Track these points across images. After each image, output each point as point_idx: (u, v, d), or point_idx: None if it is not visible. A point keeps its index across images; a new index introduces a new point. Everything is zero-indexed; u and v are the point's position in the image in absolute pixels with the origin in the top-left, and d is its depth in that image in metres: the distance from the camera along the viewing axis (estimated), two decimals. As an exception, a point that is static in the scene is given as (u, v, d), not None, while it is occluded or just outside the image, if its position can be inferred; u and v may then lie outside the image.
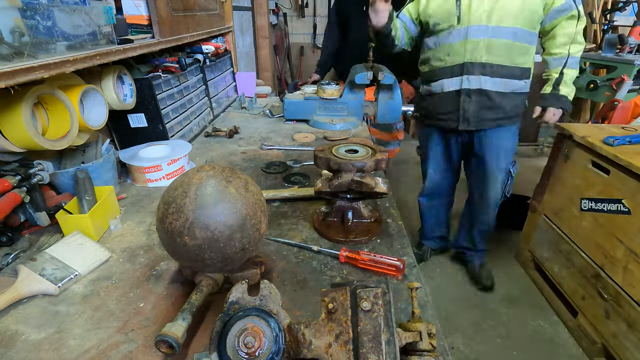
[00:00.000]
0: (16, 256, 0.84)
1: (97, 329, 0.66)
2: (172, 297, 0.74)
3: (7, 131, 0.81)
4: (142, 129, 1.34)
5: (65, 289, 0.75)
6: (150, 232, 0.95)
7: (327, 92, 1.73)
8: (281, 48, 4.88)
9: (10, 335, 0.65)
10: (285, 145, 1.54)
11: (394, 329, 0.48)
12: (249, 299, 0.53)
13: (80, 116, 0.97)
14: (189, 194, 0.62)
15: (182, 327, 0.58)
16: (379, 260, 0.79)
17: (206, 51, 1.81)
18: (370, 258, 0.80)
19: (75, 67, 0.85)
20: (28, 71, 0.71)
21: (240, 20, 3.14)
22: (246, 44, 3.41)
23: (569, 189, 1.82)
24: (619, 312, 1.50)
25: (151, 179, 1.18)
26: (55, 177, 0.98)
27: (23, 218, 0.90)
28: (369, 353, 0.46)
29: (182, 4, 1.47)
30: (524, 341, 1.78)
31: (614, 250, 1.53)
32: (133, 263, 0.84)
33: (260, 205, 0.68)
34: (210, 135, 1.66)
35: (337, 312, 0.51)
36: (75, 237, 0.85)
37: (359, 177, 0.86)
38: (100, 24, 0.99)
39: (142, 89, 1.28)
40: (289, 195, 1.10)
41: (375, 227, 0.94)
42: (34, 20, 0.78)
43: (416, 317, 0.56)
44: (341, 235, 0.91)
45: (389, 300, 0.50)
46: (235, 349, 0.50)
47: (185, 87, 1.59)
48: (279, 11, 4.69)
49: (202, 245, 0.62)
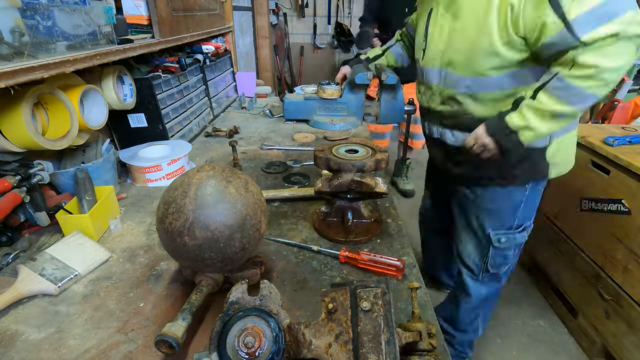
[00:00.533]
0: (16, 256, 0.84)
1: (97, 329, 0.66)
2: (172, 297, 0.74)
3: (7, 131, 0.81)
4: (142, 129, 1.34)
5: (65, 289, 0.75)
6: (150, 232, 0.95)
7: (327, 92, 1.73)
8: (281, 48, 4.88)
9: (10, 335, 0.65)
10: (285, 145, 1.54)
11: (394, 329, 0.48)
12: (249, 299, 0.53)
13: (80, 116, 0.97)
14: (189, 194, 0.62)
15: (182, 327, 0.58)
16: (378, 260, 0.79)
17: (206, 51, 1.81)
18: (370, 258, 0.80)
19: (75, 67, 0.85)
20: (28, 71, 0.71)
21: (240, 20, 3.14)
22: (246, 44, 3.41)
23: (569, 189, 1.82)
24: (619, 312, 1.50)
25: (151, 179, 1.18)
26: (55, 177, 0.98)
27: (23, 218, 0.90)
28: (369, 353, 0.46)
29: (182, 4, 1.47)
30: (524, 341, 1.78)
31: (614, 250, 1.53)
32: (133, 263, 0.84)
33: (260, 205, 0.68)
34: (210, 135, 1.66)
35: (337, 312, 0.51)
36: (75, 237, 0.85)
37: (358, 177, 0.86)
38: (100, 24, 0.99)
39: (142, 89, 1.28)
40: (288, 196, 1.10)
41: (375, 227, 0.94)
42: (34, 20, 0.78)
43: (416, 317, 0.56)
44: (341, 235, 0.91)
45: (389, 300, 0.50)
46: (235, 349, 0.50)
47: (185, 87, 1.59)
48: (279, 11, 4.69)
49: (202, 245, 0.62)
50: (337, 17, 5.04)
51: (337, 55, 5.27)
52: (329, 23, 5.07)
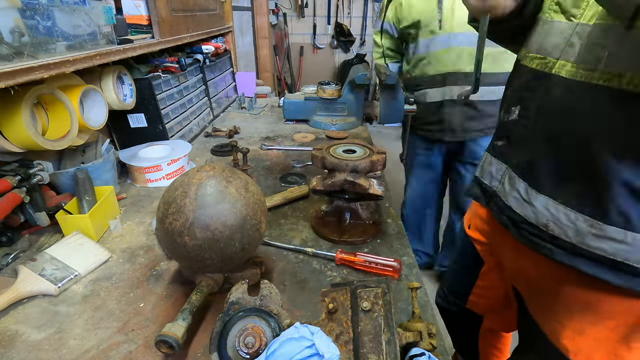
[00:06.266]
0: (16, 256, 0.84)
1: (97, 329, 0.66)
2: (172, 297, 0.74)
3: (7, 131, 0.81)
4: (142, 129, 1.34)
5: (65, 289, 0.75)
6: (150, 232, 0.95)
7: (327, 92, 1.73)
8: (281, 48, 4.88)
9: (10, 335, 0.65)
10: (285, 145, 1.54)
11: (394, 329, 0.48)
12: (249, 299, 0.53)
13: (80, 116, 0.97)
14: (189, 194, 0.62)
15: (182, 327, 0.58)
16: (374, 261, 0.78)
17: (206, 51, 1.80)
18: (367, 259, 0.79)
19: (75, 67, 0.85)
20: (28, 71, 0.71)
21: (240, 20, 3.14)
22: (246, 44, 3.41)
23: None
24: (619, 312, 1.49)
25: (151, 179, 1.18)
26: (55, 177, 0.98)
27: (23, 218, 0.90)
28: (369, 353, 0.46)
29: (182, 4, 1.47)
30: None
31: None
32: (133, 263, 0.84)
33: (260, 205, 0.68)
34: (210, 135, 1.66)
35: (337, 312, 0.51)
36: (75, 237, 0.85)
37: (352, 178, 0.85)
38: (100, 24, 0.99)
39: (142, 89, 1.28)
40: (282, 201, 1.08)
41: (372, 229, 0.93)
42: (34, 20, 0.78)
43: (416, 317, 0.56)
44: (336, 235, 0.91)
45: (389, 300, 0.50)
46: (235, 349, 0.50)
47: (185, 87, 1.59)
48: (279, 11, 4.69)
49: (202, 245, 0.62)
50: (337, 17, 5.04)
51: (337, 55, 5.28)
52: (329, 23, 5.07)
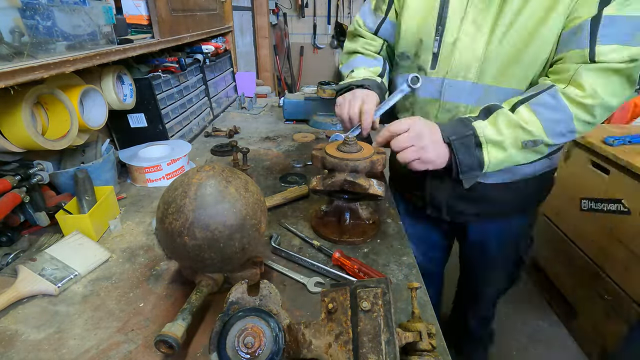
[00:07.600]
0: (16, 256, 0.84)
1: (97, 329, 0.66)
2: (172, 297, 0.74)
3: (7, 131, 0.81)
4: (142, 129, 1.34)
5: (65, 289, 0.75)
6: (150, 232, 0.95)
7: (327, 92, 1.73)
8: (281, 48, 4.88)
9: (10, 335, 0.65)
10: (286, 145, 1.54)
11: (394, 329, 0.48)
12: (249, 299, 0.53)
13: (80, 116, 0.97)
14: (188, 194, 0.62)
15: (182, 327, 0.58)
16: (365, 271, 0.77)
17: (206, 51, 1.80)
18: (359, 267, 0.78)
19: (75, 67, 0.85)
20: (28, 71, 0.71)
21: (240, 20, 3.14)
22: (246, 44, 3.41)
23: (569, 189, 1.82)
24: (619, 312, 1.50)
25: (151, 179, 1.18)
26: (55, 177, 0.98)
27: (23, 218, 0.90)
28: (369, 353, 0.46)
29: (182, 4, 1.47)
30: (524, 341, 1.79)
31: (614, 250, 1.53)
32: (133, 263, 0.84)
33: (260, 205, 0.68)
34: (210, 135, 1.66)
35: (337, 312, 0.51)
36: (75, 237, 0.85)
37: (351, 178, 0.84)
38: (100, 24, 0.99)
39: (142, 89, 1.28)
40: (282, 201, 1.08)
41: (372, 229, 0.93)
42: (34, 20, 0.78)
43: (416, 317, 0.56)
44: (335, 235, 0.91)
45: (389, 300, 0.50)
46: (235, 349, 0.50)
47: (185, 87, 1.59)
48: (279, 11, 4.69)
49: (202, 245, 0.62)
50: (337, 17, 5.04)
51: (337, 55, 5.27)
52: (329, 23, 5.07)
